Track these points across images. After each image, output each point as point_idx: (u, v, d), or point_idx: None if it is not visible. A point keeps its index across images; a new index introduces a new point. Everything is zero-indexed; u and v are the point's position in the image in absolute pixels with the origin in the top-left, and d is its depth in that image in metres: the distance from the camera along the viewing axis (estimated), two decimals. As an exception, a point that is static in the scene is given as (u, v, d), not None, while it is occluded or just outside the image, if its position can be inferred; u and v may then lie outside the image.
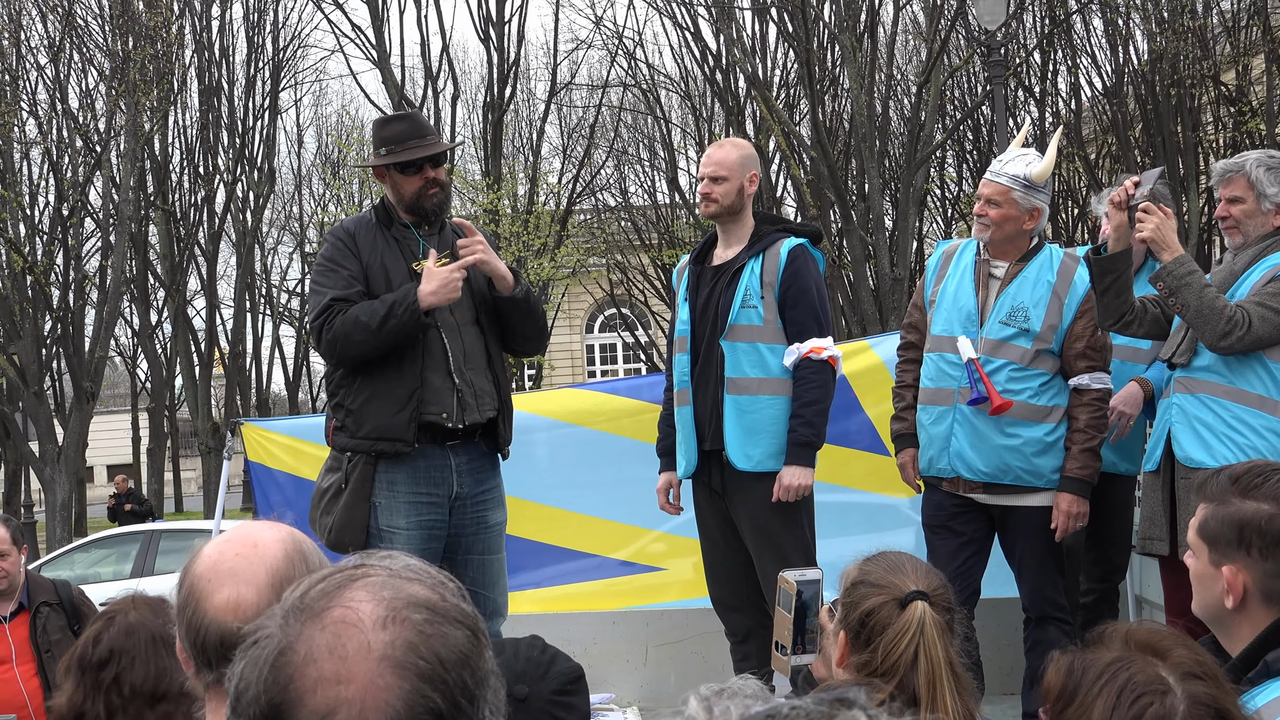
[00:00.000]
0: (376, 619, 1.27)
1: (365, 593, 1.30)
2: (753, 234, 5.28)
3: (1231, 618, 2.47)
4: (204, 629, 2.00)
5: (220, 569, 2.02)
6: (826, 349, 5.13)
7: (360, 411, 4.74)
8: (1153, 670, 1.89)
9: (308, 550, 2.07)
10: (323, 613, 1.28)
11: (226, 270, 33.81)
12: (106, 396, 40.03)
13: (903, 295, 20.07)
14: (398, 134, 4.89)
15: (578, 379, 38.28)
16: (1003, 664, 5.96)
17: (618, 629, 6.62)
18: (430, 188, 4.87)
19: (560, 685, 2.57)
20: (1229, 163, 4.96)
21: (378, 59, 28.40)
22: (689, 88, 29.16)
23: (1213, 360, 4.71)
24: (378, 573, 1.34)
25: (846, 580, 2.60)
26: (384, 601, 1.29)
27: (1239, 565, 2.45)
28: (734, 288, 5.18)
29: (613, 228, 32.73)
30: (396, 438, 4.71)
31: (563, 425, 6.96)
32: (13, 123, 22.94)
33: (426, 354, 4.77)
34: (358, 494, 4.73)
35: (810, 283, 5.18)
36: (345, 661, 1.24)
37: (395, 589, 1.31)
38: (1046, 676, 1.98)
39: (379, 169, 4.92)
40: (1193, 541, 2.55)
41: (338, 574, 1.34)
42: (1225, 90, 22.94)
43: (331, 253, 4.85)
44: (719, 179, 5.23)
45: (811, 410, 5.10)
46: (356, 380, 4.77)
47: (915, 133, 21.65)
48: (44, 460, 22.46)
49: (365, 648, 1.25)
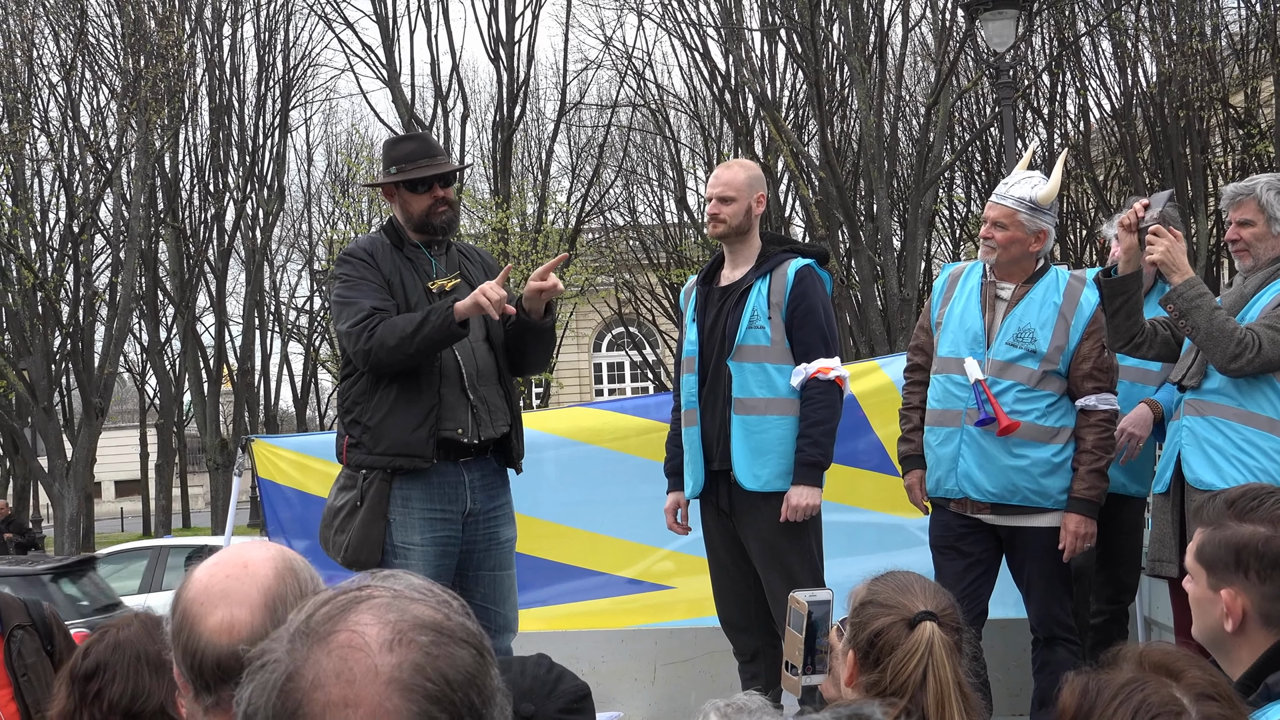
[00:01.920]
0: (383, 642, 1.27)
1: (371, 615, 1.30)
2: (760, 254, 5.28)
3: (1231, 641, 2.47)
4: (200, 652, 1.99)
5: (212, 591, 2.01)
6: (834, 369, 5.14)
7: (378, 428, 4.75)
8: (1167, 691, 1.89)
9: (299, 567, 2.07)
10: (329, 636, 1.29)
11: (236, 287, 33.91)
12: (115, 412, 40.11)
13: (911, 316, 20.05)
14: (408, 153, 4.94)
15: (585, 398, 38.25)
16: (1011, 685, 5.95)
17: (626, 647, 6.61)
18: (439, 206, 4.91)
19: (566, 704, 2.57)
20: (1239, 186, 4.97)
21: (388, 78, 28.50)
22: (698, 108, 29.20)
23: (1223, 383, 4.71)
24: (382, 594, 1.34)
25: (855, 600, 2.61)
26: (389, 624, 1.29)
27: (1237, 588, 2.44)
28: (741, 308, 5.18)
29: (621, 247, 32.76)
30: (415, 454, 4.72)
31: (571, 443, 6.96)
32: (24, 140, 23.04)
33: (442, 371, 4.79)
34: (374, 511, 4.74)
35: (817, 303, 5.19)
36: (353, 686, 1.25)
37: (400, 611, 1.31)
38: (1061, 697, 1.97)
39: (388, 188, 4.96)
40: (1191, 566, 2.54)
41: (342, 596, 1.35)
42: (1234, 113, 22.94)
43: (357, 269, 4.86)
44: (727, 199, 5.24)
45: (819, 430, 5.11)
46: (375, 396, 4.78)
47: (924, 154, 21.67)
48: (53, 475, 22.50)
49: (372, 671, 1.26)
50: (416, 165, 4.90)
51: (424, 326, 4.62)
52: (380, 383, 4.77)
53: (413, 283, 4.86)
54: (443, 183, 4.93)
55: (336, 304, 4.89)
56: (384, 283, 4.83)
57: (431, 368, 4.76)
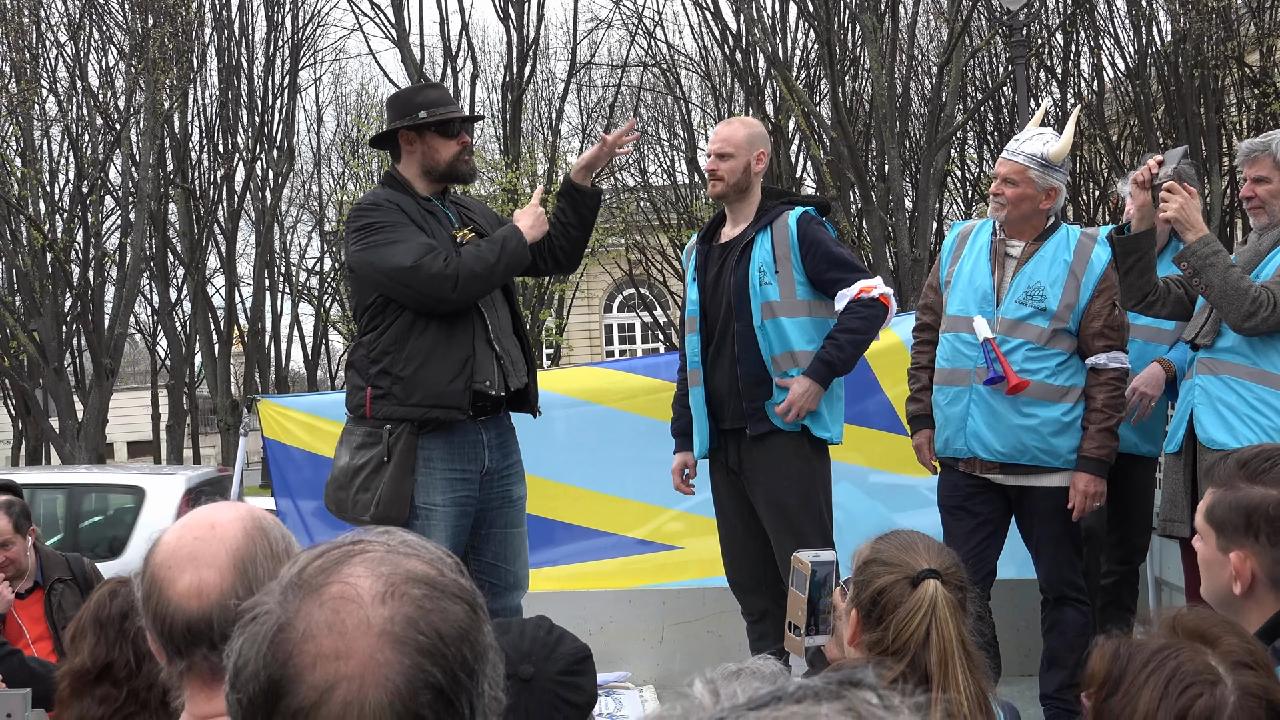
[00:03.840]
0: (375, 594, 1.26)
1: (364, 568, 1.29)
2: (759, 209, 5.21)
3: (1240, 603, 2.43)
4: (169, 617, 1.96)
5: (179, 554, 1.98)
6: (876, 287, 5.02)
7: (412, 378, 4.67)
8: (1201, 659, 1.83)
9: (268, 526, 2.03)
10: (321, 588, 1.27)
11: (246, 248, 33.85)
12: (126, 373, 40.21)
13: (922, 276, 19.97)
14: (435, 99, 4.93)
15: (596, 359, 38.24)
16: (1020, 645, 5.94)
17: (634, 607, 6.62)
18: (465, 154, 4.90)
19: (567, 665, 2.55)
20: (1254, 142, 4.92)
21: (397, 38, 28.36)
22: (709, 67, 29.04)
23: (1236, 341, 4.67)
24: (375, 548, 1.33)
25: (859, 559, 2.58)
26: (383, 577, 1.28)
27: (1247, 551, 2.41)
28: (744, 264, 5.12)
29: (631, 207, 32.68)
30: (452, 405, 4.68)
31: (580, 403, 6.95)
32: (33, 100, 22.96)
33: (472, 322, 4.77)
34: (403, 466, 4.68)
35: (827, 239, 5.11)
36: (344, 637, 1.24)
37: (394, 564, 1.30)
38: (1091, 661, 1.92)
39: (408, 135, 4.87)
40: (1200, 526, 2.50)
41: (335, 550, 1.33)
42: (1249, 72, 22.73)
43: (391, 214, 4.76)
44: (725, 155, 5.17)
45: (846, 336, 4.99)
46: (407, 346, 4.69)
47: (936, 113, 21.54)
48: (64, 436, 22.56)
49: (364, 623, 1.24)
50: (446, 109, 4.87)
51: (505, 249, 4.69)
52: (413, 332, 4.69)
53: (439, 232, 4.80)
54: (468, 130, 4.95)
55: (381, 245, 4.68)
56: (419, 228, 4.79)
57: (466, 319, 4.73)
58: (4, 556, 5.31)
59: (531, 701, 2.50)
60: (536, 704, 2.50)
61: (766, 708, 0.80)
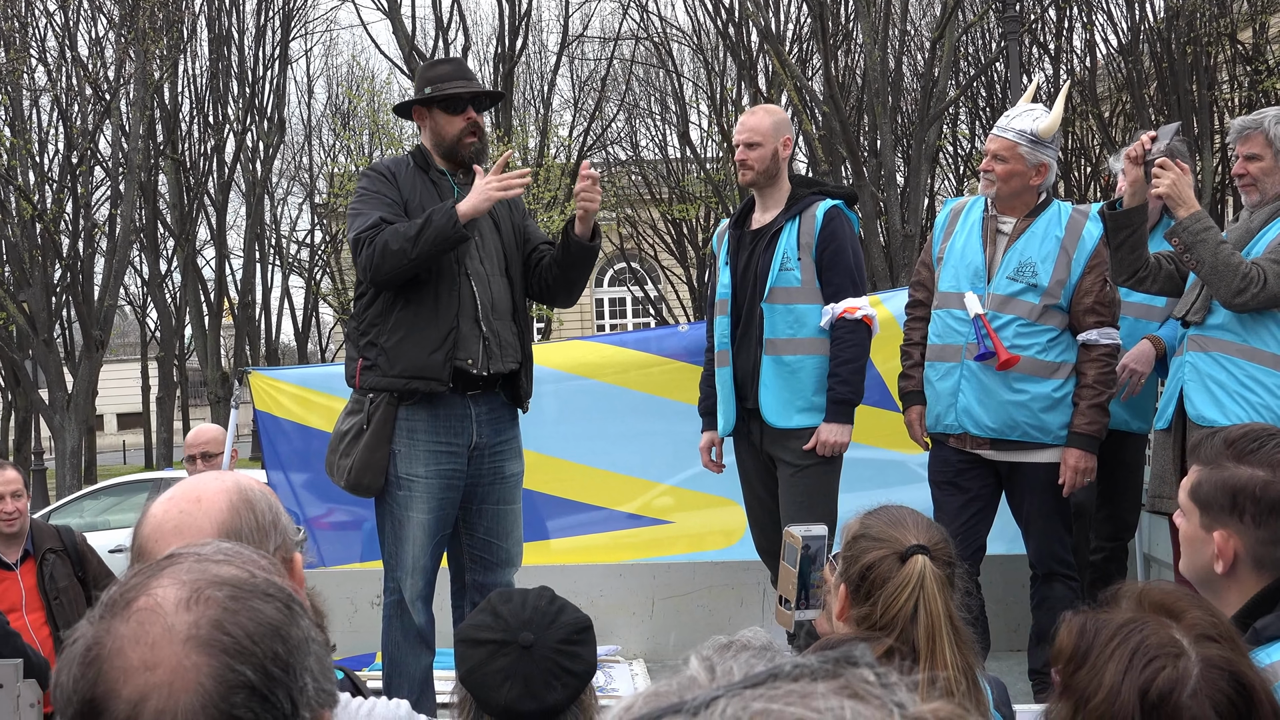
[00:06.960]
0: (179, 601, 1.26)
1: (169, 579, 1.29)
2: (790, 197, 5.35)
3: (1220, 582, 2.42)
4: None
5: (165, 528, 1.97)
6: (860, 308, 5.21)
7: (394, 350, 4.73)
8: (1166, 633, 1.84)
9: (255, 498, 2.02)
10: (128, 604, 1.28)
11: (236, 220, 33.81)
12: (116, 345, 40.16)
13: (913, 252, 19.98)
14: (444, 74, 4.95)
15: (587, 333, 38.24)
16: (1009, 621, 5.96)
17: (624, 581, 6.63)
18: (469, 134, 4.89)
19: (567, 635, 2.58)
20: (1247, 120, 4.92)
21: (388, 9, 28.24)
22: (701, 41, 28.98)
23: (1227, 318, 4.68)
24: (185, 560, 1.33)
25: (848, 534, 2.59)
26: (185, 585, 1.28)
27: (1230, 531, 2.39)
28: (772, 251, 5.26)
29: (623, 181, 32.64)
30: (432, 376, 4.70)
31: (571, 377, 6.94)
32: (22, 70, 22.83)
33: (460, 299, 4.77)
34: (379, 435, 4.74)
35: (846, 243, 5.27)
36: (151, 648, 1.24)
37: (199, 572, 1.30)
38: (1059, 637, 1.93)
39: (419, 110, 4.95)
40: (1184, 503, 2.49)
41: (149, 567, 1.34)
42: (1242, 49, 22.72)
43: (374, 183, 4.85)
44: (753, 145, 5.31)
45: (848, 369, 5.20)
46: (391, 318, 4.75)
47: (928, 89, 21.49)
48: (53, 408, 22.50)
49: (168, 631, 1.24)
50: (452, 85, 4.88)
51: (426, 228, 4.58)
52: (397, 305, 4.74)
53: (433, 205, 4.79)
54: (476, 106, 4.94)
55: (349, 216, 4.86)
56: (399, 200, 4.80)
57: (451, 295, 4.74)
58: (15, 507, 5.46)
59: (531, 668, 2.52)
60: (536, 671, 2.53)
61: (763, 686, 0.80)
